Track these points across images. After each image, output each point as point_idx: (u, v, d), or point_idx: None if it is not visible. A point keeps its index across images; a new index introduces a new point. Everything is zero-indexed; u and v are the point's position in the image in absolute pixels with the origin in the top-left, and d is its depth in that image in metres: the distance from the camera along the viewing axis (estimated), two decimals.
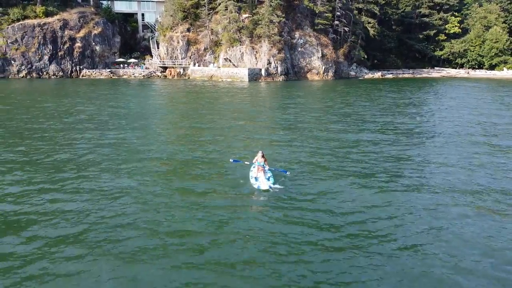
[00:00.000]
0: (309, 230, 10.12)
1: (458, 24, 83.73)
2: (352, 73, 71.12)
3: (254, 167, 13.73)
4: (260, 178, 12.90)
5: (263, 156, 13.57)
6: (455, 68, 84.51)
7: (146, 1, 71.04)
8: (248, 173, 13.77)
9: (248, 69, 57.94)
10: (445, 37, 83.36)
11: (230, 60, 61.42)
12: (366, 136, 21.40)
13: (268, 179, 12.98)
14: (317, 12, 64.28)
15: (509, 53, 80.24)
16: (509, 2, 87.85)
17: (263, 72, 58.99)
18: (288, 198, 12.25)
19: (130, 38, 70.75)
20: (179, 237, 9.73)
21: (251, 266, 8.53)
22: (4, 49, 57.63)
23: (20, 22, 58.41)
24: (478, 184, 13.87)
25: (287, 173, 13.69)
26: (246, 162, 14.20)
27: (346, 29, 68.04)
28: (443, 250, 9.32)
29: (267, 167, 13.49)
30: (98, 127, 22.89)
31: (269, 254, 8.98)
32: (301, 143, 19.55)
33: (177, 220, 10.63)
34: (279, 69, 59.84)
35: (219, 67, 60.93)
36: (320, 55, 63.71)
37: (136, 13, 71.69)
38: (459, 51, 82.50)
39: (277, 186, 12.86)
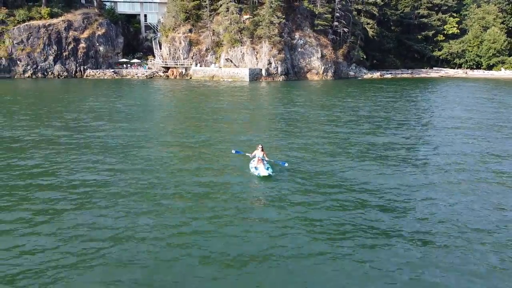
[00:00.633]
0: (305, 207, 11.26)
1: (457, 25, 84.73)
2: (351, 73, 72.20)
3: (253, 160, 14.83)
4: (260, 168, 14.02)
5: (262, 150, 14.67)
6: (454, 68, 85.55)
7: (149, 3, 72.21)
8: (248, 164, 14.90)
9: (249, 69, 59.06)
10: (444, 38, 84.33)
11: (231, 61, 62.55)
12: (358, 128, 22.56)
13: (267, 168, 14.09)
14: (316, 13, 65.34)
15: (507, 53, 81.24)
16: (507, 3, 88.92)
17: (263, 72, 60.11)
18: (286, 182, 13.43)
19: (133, 38, 71.89)
20: (188, 213, 10.86)
21: (251, 236, 9.66)
22: (10, 49, 58.87)
23: (25, 23, 59.64)
24: (468, 165, 15.00)
25: (286, 164, 14.79)
26: (247, 154, 15.29)
27: (346, 30, 69.14)
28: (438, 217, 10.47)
29: (266, 159, 14.60)
30: (111, 120, 24.14)
31: (269, 227, 10.12)
32: (299, 135, 20.66)
33: (185, 199, 11.76)
34: (279, 69, 60.96)
35: (221, 67, 62.06)
36: (319, 55, 64.81)
37: (139, 14, 72.90)
38: (457, 51, 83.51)
39: (275, 173, 14.00)
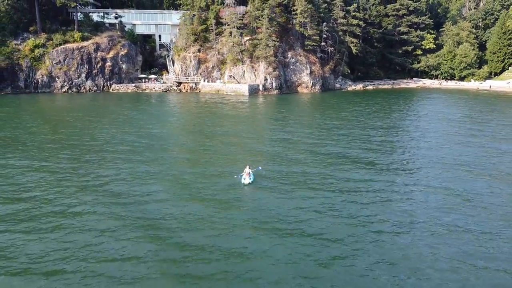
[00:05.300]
0: (273, 201, 22.79)
1: (433, 41, 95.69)
2: (338, 85, 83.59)
3: (243, 173, 26.41)
4: (246, 178, 25.66)
5: (249, 168, 26.30)
6: (431, 79, 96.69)
7: (163, 25, 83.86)
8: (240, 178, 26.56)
9: (249, 85, 70.63)
10: (422, 52, 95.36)
11: (233, 77, 74.16)
12: (328, 130, 34.03)
13: (250, 179, 25.73)
14: (306, 35, 76.64)
15: (476, 66, 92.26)
16: (481, 19, 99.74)
17: (260, 87, 71.68)
18: (261, 187, 25.09)
19: (149, 55, 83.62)
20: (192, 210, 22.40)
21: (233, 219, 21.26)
22: (50, 68, 70.75)
23: (62, 46, 71.44)
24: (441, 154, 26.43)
25: (260, 168, 26.38)
26: (246, 170, 26.51)
27: (332, 48, 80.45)
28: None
29: (251, 173, 26.21)
30: (134, 125, 35.75)
31: (247, 215, 21.74)
32: (285, 138, 32.21)
33: (190, 198, 23.32)
34: (274, 84, 72.54)
35: (225, 83, 73.67)
36: (308, 71, 76.31)
37: (154, 35, 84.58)
38: (434, 64, 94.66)
39: (255, 181, 25.73)
